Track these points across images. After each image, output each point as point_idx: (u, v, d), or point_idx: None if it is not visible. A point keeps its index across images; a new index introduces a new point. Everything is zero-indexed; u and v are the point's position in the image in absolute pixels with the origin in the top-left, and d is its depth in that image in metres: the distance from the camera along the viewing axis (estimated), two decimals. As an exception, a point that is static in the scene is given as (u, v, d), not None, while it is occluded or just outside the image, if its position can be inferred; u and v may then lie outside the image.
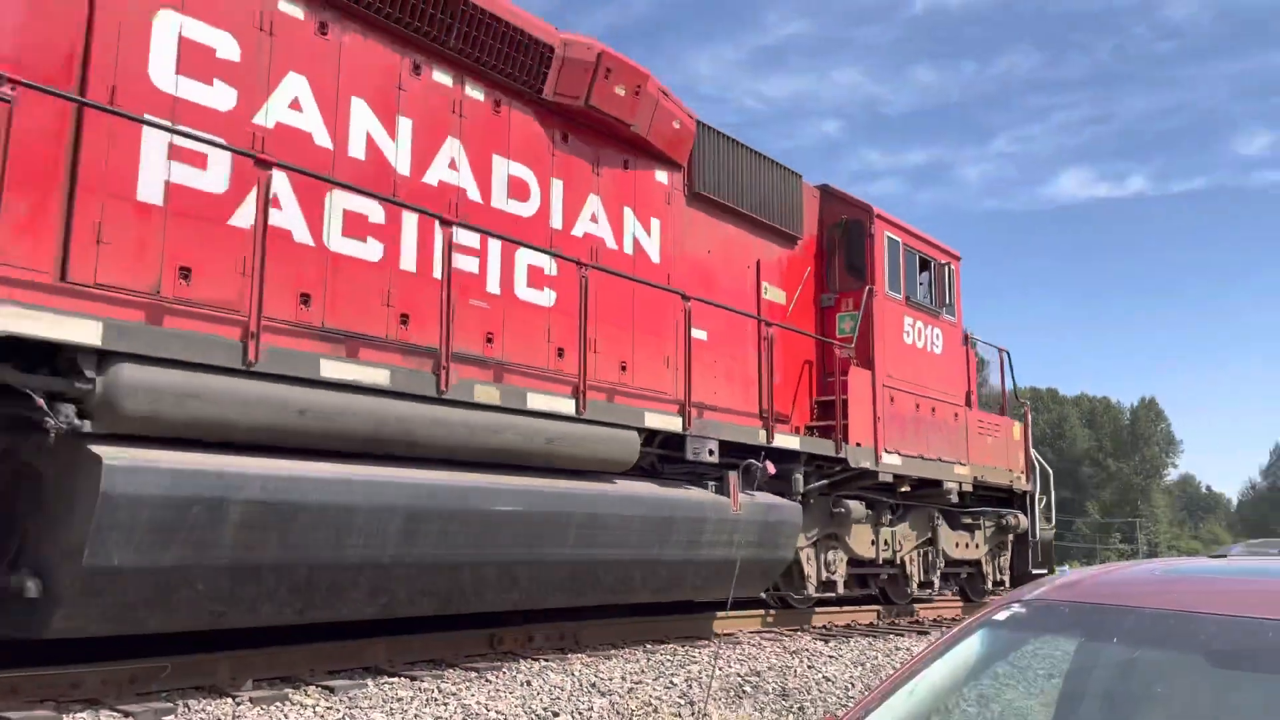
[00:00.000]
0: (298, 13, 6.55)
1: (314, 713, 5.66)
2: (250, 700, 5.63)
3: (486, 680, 6.75)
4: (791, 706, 7.41)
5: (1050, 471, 14.53)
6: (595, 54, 8.28)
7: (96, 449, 4.96)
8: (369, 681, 6.46)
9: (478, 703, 6.15)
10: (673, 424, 8.58)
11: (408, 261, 7.00)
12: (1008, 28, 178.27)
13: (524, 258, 7.80)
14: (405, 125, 7.18)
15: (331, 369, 6.12)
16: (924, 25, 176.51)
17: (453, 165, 7.48)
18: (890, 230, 11.86)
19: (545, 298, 7.96)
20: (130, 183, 5.56)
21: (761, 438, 9.47)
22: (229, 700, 5.63)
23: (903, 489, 11.64)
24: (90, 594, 5.03)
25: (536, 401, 7.39)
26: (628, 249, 8.90)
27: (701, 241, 9.88)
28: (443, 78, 7.48)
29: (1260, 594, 1.85)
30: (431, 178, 7.33)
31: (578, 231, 8.45)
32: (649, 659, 8.00)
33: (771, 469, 9.33)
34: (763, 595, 10.80)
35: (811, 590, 10.70)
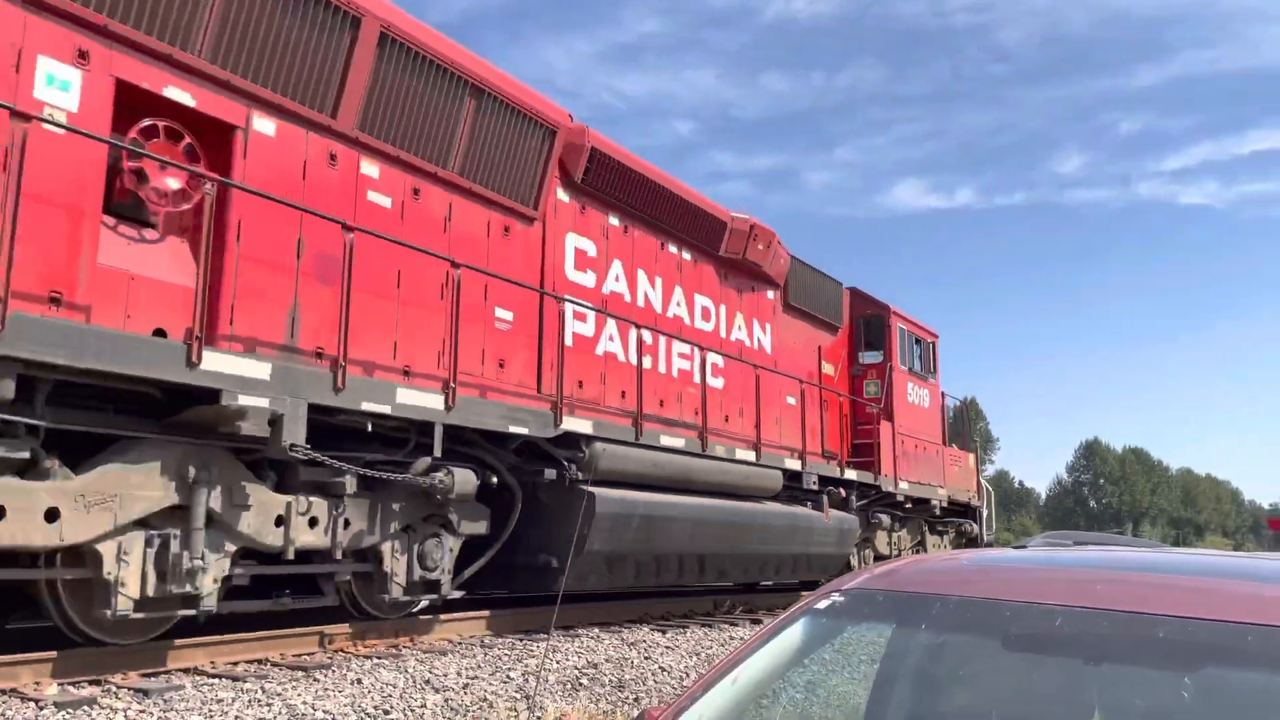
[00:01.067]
0: (618, 224, 10.71)
1: (125, 717, 5.34)
2: (55, 705, 5.26)
3: (314, 679, 6.52)
4: (627, 697, 7.49)
5: (991, 491, 19.39)
6: (749, 225, 12.44)
7: (588, 488, 9.03)
8: (186, 683, 6.14)
9: (304, 702, 5.94)
10: (795, 465, 12.69)
11: (665, 369, 11.13)
12: (854, 41, 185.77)
13: (710, 359, 11.71)
14: (658, 281, 11.31)
15: (666, 440, 10.45)
16: (774, 33, 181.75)
17: (676, 302, 11.60)
18: (900, 322, 16.19)
19: (719, 383, 11.97)
20: (562, 335, 9.39)
21: (837, 472, 13.67)
22: (32, 705, 5.24)
23: (906, 505, 15.60)
24: (592, 565, 9.29)
25: (740, 454, 11.61)
26: (753, 346, 12.95)
27: (790, 336, 13.96)
28: (673, 249, 11.61)
29: (1051, 583, 1.99)
30: (669, 311, 11.43)
31: (732, 338, 12.56)
32: (485, 654, 7.92)
33: (843, 493, 13.59)
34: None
35: None
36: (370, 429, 7.49)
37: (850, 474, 13.93)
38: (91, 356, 5.60)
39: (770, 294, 13.34)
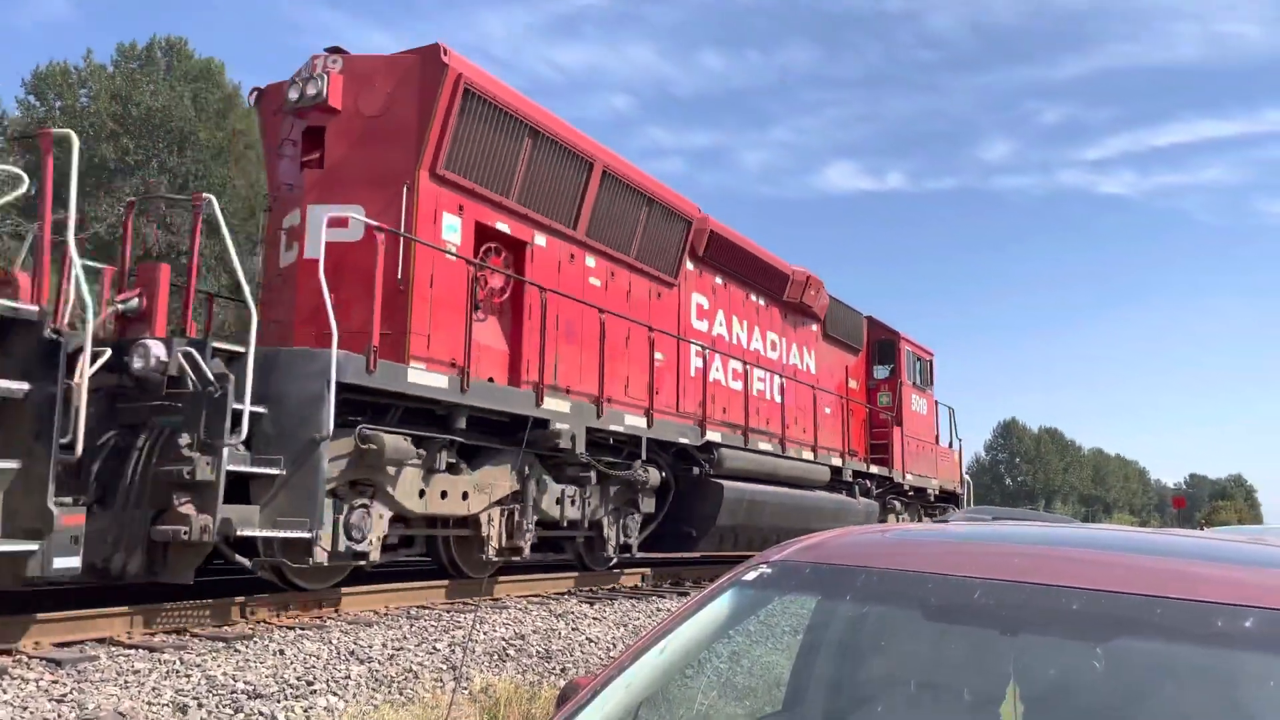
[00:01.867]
0: (720, 282, 14.02)
1: (36, 687, 5.19)
2: (-43, 677, 5.09)
3: (235, 650, 6.41)
4: (554, 668, 7.52)
5: (971, 482, 24.09)
6: (805, 276, 15.84)
7: (718, 481, 12.43)
8: (101, 654, 5.99)
9: (224, 674, 5.84)
10: (837, 462, 16.36)
11: (753, 390, 14.28)
12: (789, 22, 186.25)
13: (775, 381, 15.11)
14: (744, 324, 14.64)
15: (763, 446, 13.98)
16: (712, 10, 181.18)
17: (755, 339, 14.91)
18: (907, 345, 19.77)
19: (784, 400, 15.11)
20: (687, 369, 12.80)
21: (865, 467, 17.59)
22: (-69, 678, 5.07)
23: (909, 493, 19.26)
24: (714, 535, 12.57)
25: (805, 455, 15.26)
26: (804, 369, 16.42)
27: (828, 359, 17.47)
28: (753, 298, 14.98)
29: (971, 556, 2.05)
30: (750, 345, 14.74)
31: (789, 363, 15.95)
32: (412, 625, 7.87)
33: (869, 484, 17.39)
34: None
35: None
36: (611, 442, 11.20)
37: (874, 469, 18.00)
38: (498, 400, 9.42)
39: (814, 327, 16.97)
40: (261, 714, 5.35)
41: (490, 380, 9.39)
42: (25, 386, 5.74)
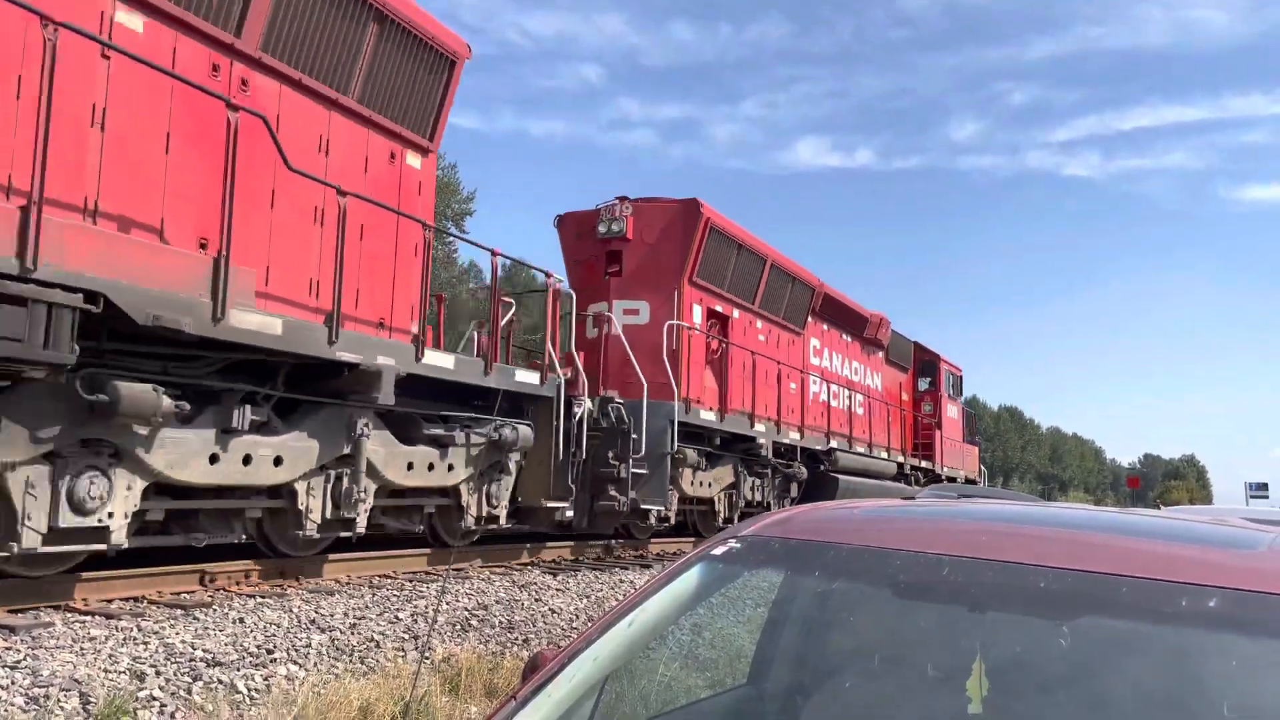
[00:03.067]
0: (826, 327, 18.99)
1: (-13, 655, 5.10)
2: (-94, 644, 5.00)
3: (194, 618, 6.35)
4: (516, 638, 7.53)
5: (986, 471, 31.39)
6: (879, 318, 21.16)
7: (835, 475, 18.07)
8: (57, 620, 5.90)
9: (183, 641, 5.78)
10: (900, 459, 21.92)
11: (848, 406, 19.64)
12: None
13: (857, 398, 20.23)
14: (839, 357, 19.57)
15: (858, 449, 19.85)
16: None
17: (844, 367, 19.81)
18: (945, 365, 25.58)
19: (864, 412, 20.26)
20: (807, 393, 17.85)
21: (917, 463, 23.39)
22: (-121, 644, 4.97)
23: (944, 482, 24.13)
24: None
25: (879, 453, 20.80)
26: (875, 387, 21.43)
27: (888, 378, 22.60)
28: (845, 337, 19.86)
29: (939, 533, 2.05)
30: (843, 372, 19.71)
31: (865, 384, 20.83)
32: (374, 595, 7.84)
33: (920, 476, 23.31)
34: None
35: None
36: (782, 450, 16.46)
37: (922, 464, 23.83)
38: (739, 426, 14.94)
39: (880, 354, 22.07)
40: (221, 682, 5.31)
41: (711, 409, 14.26)
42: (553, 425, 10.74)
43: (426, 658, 6.44)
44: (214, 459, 7.02)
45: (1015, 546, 1.84)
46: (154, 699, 4.94)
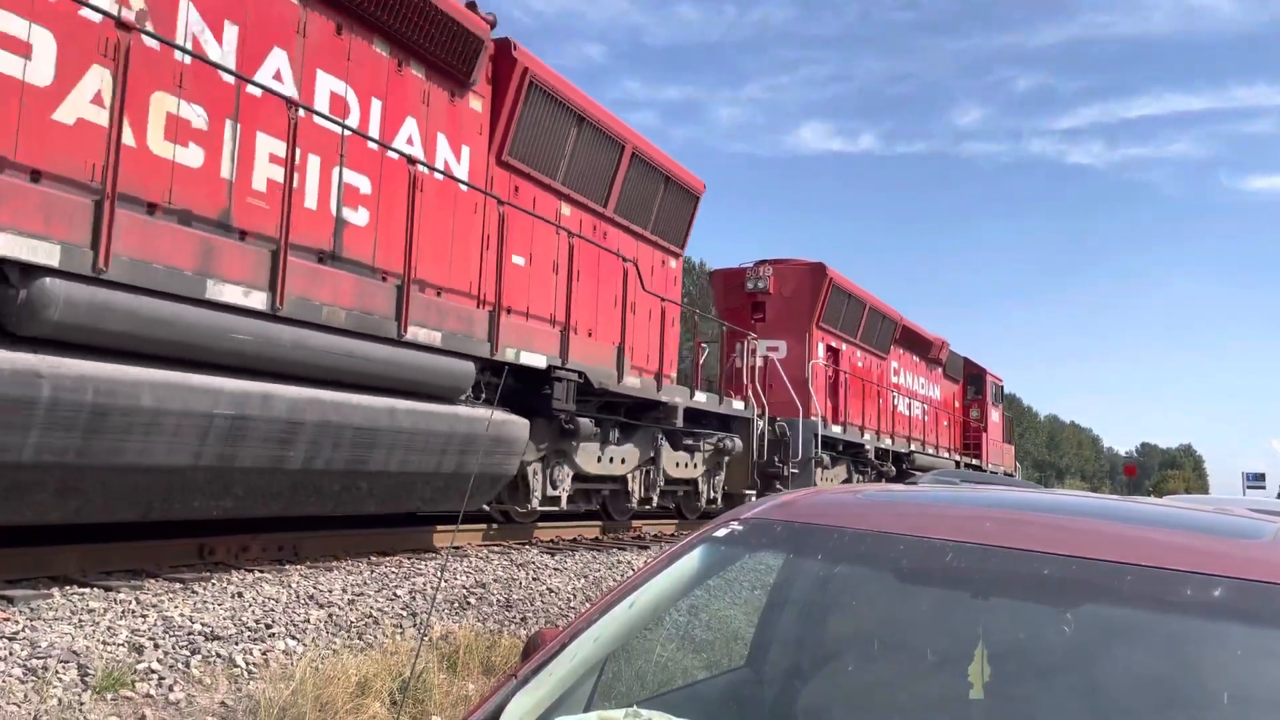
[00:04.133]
0: (903, 351, 24.38)
1: (-14, 625, 5.11)
2: (-94, 613, 5.01)
3: (193, 592, 6.36)
4: (514, 617, 7.55)
5: (1020, 466, 37.33)
6: (941, 341, 26.61)
7: (913, 471, 22.60)
8: (55, 592, 5.92)
9: (181, 615, 5.79)
10: (957, 458, 28.12)
11: (919, 415, 25.81)
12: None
13: (925, 408, 25.88)
14: (911, 375, 25.04)
15: (929, 450, 25.82)
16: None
17: (914, 383, 25.20)
18: (990, 377, 30.67)
19: (929, 420, 26.07)
20: (891, 408, 23.46)
21: (969, 461, 29.29)
22: (-122, 613, 4.98)
23: None
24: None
25: (943, 454, 27.20)
26: (935, 398, 26.90)
27: (944, 389, 27.81)
28: (914, 358, 25.07)
29: (943, 518, 2.05)
30: (913, 387, 25.07)
31: (928, 395, 26.20)
32: (372, 571, 7.85)
33: (970, 471, 26.98)
34: None
35: None
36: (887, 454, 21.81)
37: (973, 461, 29.22)
38: (854, 437, 20.80)
39: (939, 370, 27.15)
40: (219, 656, 5.32)
41: (837, 424, 19.42)
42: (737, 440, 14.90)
43: (425, 635, 6.46)
44: (598, 460, 11.53)
45: (1019, 533, 1.83)
46: (152, 672, 4.95)
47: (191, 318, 6.21)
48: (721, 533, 2.19)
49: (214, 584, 6.63)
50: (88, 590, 6.09)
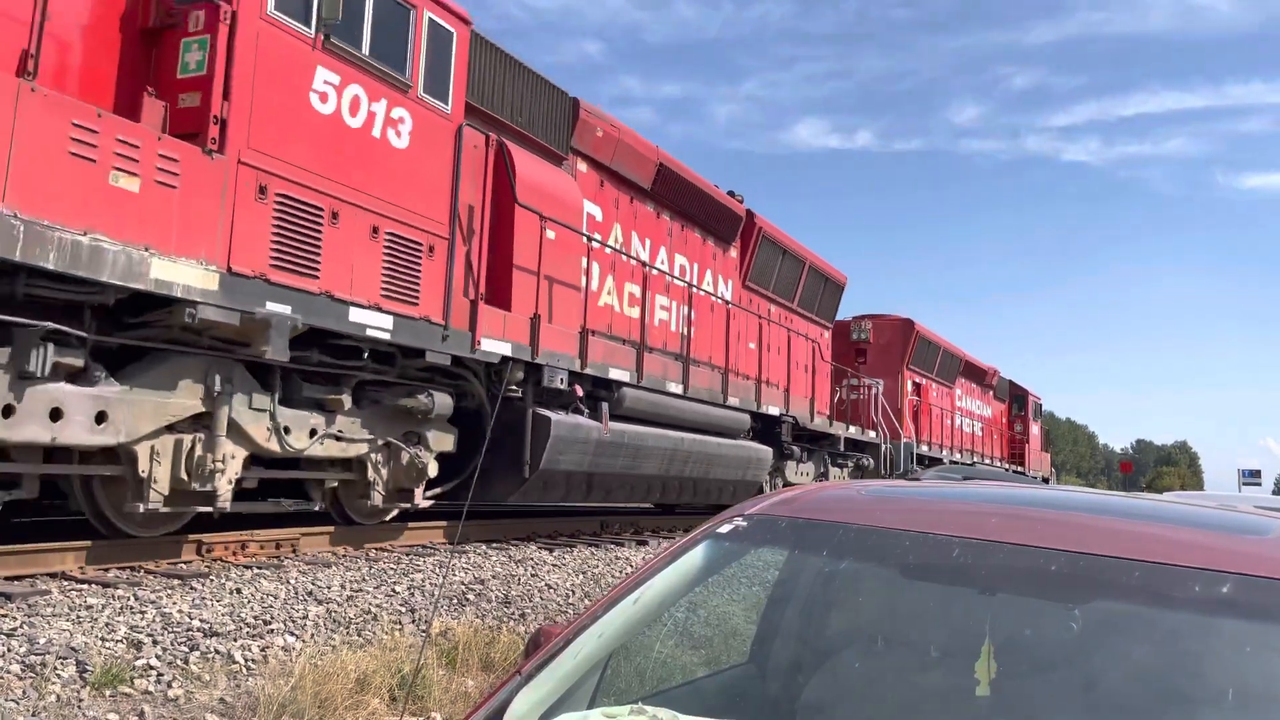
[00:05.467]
0: (964, 379, 29.97)
1: (-16, 622, 5.09)
2: (-97, 609, 5.00)
3: (191, 588, 6.35)
4: (513, 613, 7.54)
5: (1055, 470, 46.20)
6: (994, 370, 32.58)
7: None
8: (53, 588, 5.90)
9: (180, 611, 5.78)
10: (1007, 465, 33.85)
11: (976, 431, 32.22)
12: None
13: (980, 426, 32.22)
14: (969, 399, 30.24)
15: (986, 461, 33.08)
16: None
17: (970, 404, 30.20)
18: (1032, 397, 36.68)
19: (981, 433, 32.60)
20: (957, 427, 29.19)
21: (1014, 467, 34.38)
22: (-125, 609, 4.97)
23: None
24: None
25: (997, 464, 32.81)
26: (987, 416, 32.14)
27: (995, 408, 33.44)
28: (973, 385, 30.31)
29: (949, 514, 2.04)
30: (970, 408, 30.47)
31: (981, 414, 31.63)
32: (371, 568, 7.84)
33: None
34: None
35: None
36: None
37: (1017, 469, 33.34)
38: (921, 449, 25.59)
39: (990, 393, 31.92)
40: (218, 652, 5.31)
41: (922, 443, 23.76)
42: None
43: (425, 632, 6.46)
44: (796, 473, 17.24)
45: (1026, 529, 1.83)
46: (151, 668, 4.94)
47: (660, 400, 12.22)
48: (726, 528, 2.18)
49: (212, 580, 6.61)
50: (86, 586, 6.07)
